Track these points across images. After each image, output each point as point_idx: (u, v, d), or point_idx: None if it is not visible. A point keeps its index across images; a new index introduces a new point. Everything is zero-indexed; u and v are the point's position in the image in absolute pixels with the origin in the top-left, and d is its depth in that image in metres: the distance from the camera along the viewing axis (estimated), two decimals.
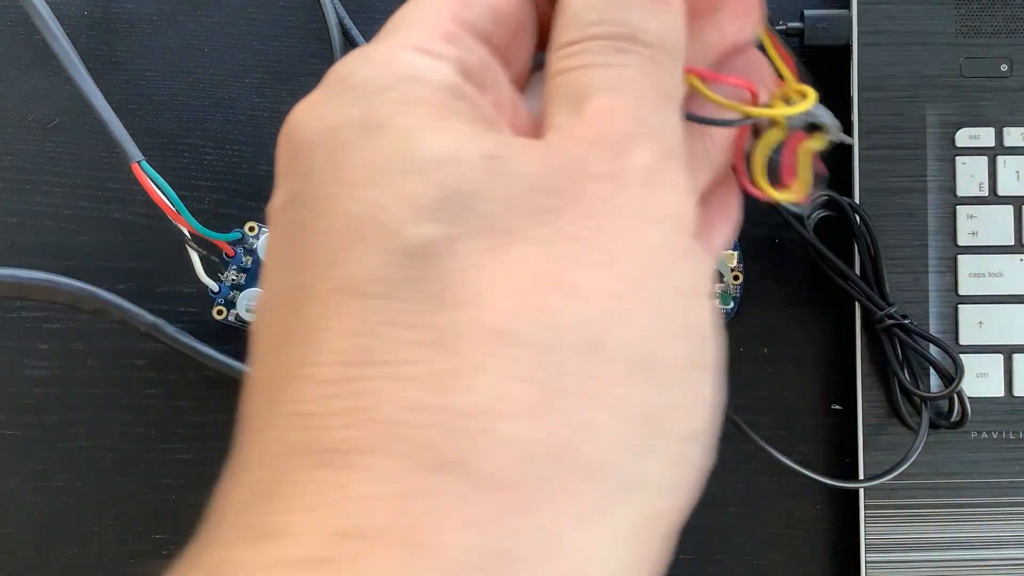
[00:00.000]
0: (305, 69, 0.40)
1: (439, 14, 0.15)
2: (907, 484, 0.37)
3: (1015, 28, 0.38)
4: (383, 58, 0.15)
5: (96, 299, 0.35)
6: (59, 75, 0.38)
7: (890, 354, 0.36)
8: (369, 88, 0.14)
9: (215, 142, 0.40)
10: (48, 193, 0.39)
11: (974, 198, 0.38)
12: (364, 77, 0.14)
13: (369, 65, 0.15)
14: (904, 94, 0.38)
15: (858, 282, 0.37)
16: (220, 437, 0.39)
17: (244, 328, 0.38)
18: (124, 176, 0.37)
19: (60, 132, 0.39)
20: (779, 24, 0.38)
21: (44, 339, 0.39)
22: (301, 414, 0.13)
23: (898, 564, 0.37)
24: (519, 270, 0.13)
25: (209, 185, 0.39)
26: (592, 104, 0.14)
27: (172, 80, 0.40)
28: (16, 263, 0.37)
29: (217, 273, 0.38)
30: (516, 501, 0.12)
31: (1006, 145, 0.38)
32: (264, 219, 0.39)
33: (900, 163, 0.38)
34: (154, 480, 0.38)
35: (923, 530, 0.37)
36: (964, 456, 0.37)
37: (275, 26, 0.40)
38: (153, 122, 0.39)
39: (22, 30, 0.40)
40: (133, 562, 0.38)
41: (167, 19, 0.40)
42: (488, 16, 0.16)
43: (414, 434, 0.12)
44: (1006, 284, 0.38)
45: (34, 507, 0.38)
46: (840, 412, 0.39)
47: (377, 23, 0.40)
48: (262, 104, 0.40)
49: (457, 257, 0.13)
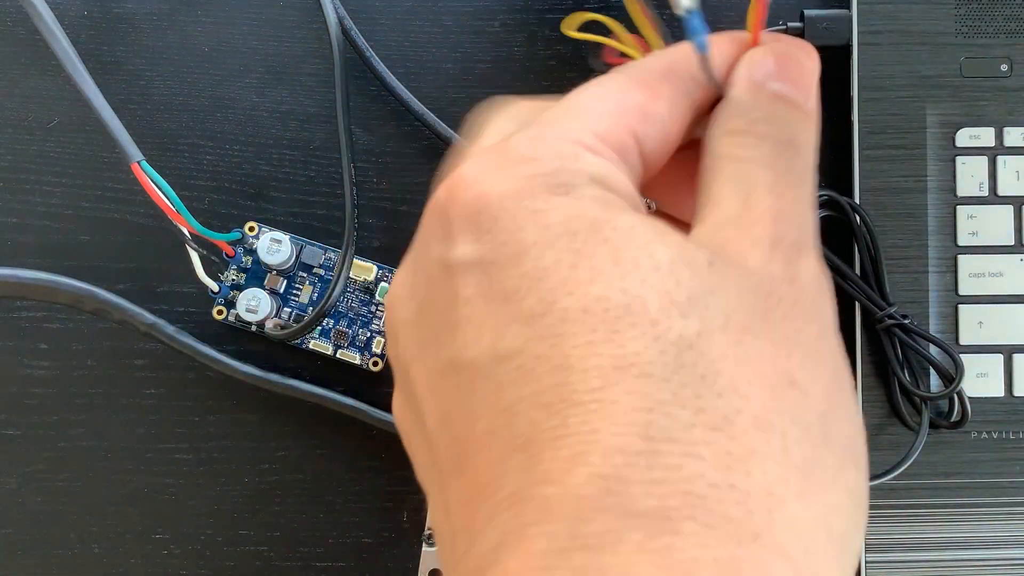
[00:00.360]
0: (305, 69, 0.40)
1: (619, 120, 0.17)
2: (907, 484, 0.37)
3: (1015, 28, 0.38)
4: (570, 152, 0.16)
5: (96, 299, 0.35)
6: (59, 75, 0.38)
7: (890, 354, 0.36)
8: (567, 181, 0.16)
9: (215, 142, 0.40)
10: (48, 193, 0.39)
11: (974, 198, 0.38)
12: (556, 168, 0.16)
13: (558, 157, 0.16)
14: (904, 94, 0.38)
15: (858, 282, 0.37)
16: (220, 437, 0.39)
17: (244, 328, 0.38)
18: (124, 176, 0.37)
19: (60, 132, 0.39)
20: (779, 24, 0.38)
21: (44, 339, 0.39)
22: (602, 476, 0.13)
23: (898, 564, 0.37)
24: (761, 365, 0.15)
25: (209, 185, 0.39)
26: (762, 203, 0.16)
27: (172, 80, 0.40)
28: (16, 263, 0.37)
29: (217, 273, 0.38)
30: (804, 567, 0.14)
31: (1006, 145, 0.38)
32: (263, 219, 0.39)
33: (900, 163, 0.38)
34: (154, 480, 0.38)
35: (923, 530, 0.37)
36: (964, 456, 0.37)
37: (275, 26, 0.40)
38: (153, 122, 0.40)
39: (22, 30, 0.40)
40: (133, 562, 0.38)
41: (167, 19, 0.40)
42: (658, 137, 0.17)
43: (718, 508, 0.13)
44: (1006, 284, 0.38)
45: (34, 507, 0.38)
46: None
47: (377, 23, 0.40)
48: (262, 104, 0.40)
49: (713, 348, 0.14)
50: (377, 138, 0.40)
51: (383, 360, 0.38)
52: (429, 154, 0.40)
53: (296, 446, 0.39)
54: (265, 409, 0.39)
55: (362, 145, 0.40)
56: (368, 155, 0.40)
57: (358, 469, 0.39)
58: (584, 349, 0.14)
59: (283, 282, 0.39)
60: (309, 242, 0.39)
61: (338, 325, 0.38)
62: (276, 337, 0.37)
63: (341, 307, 0.38)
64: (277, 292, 0.38)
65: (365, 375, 0.39)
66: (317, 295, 0.39)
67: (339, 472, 0.39)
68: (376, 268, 0.38)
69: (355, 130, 0.39)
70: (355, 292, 0.39)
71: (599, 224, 0.15)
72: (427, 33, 0.40)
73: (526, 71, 0.40)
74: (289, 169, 0.40)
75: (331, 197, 0.39)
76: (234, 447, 0.39)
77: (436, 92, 0.40)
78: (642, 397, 0.14)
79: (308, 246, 0.39)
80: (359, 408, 0.37)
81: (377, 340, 0.38)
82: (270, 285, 0.38)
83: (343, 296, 0.38)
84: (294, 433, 0.39)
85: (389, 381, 0.39)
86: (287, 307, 0.38)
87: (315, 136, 0.40)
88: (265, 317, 0.37)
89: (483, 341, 0.15)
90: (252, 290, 0.38)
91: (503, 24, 0.40)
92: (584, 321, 0.14)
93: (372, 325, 0.38)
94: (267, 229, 0.39)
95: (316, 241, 0.39)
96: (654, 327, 0.14)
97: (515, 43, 0.40)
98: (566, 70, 0.40)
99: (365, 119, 0.40)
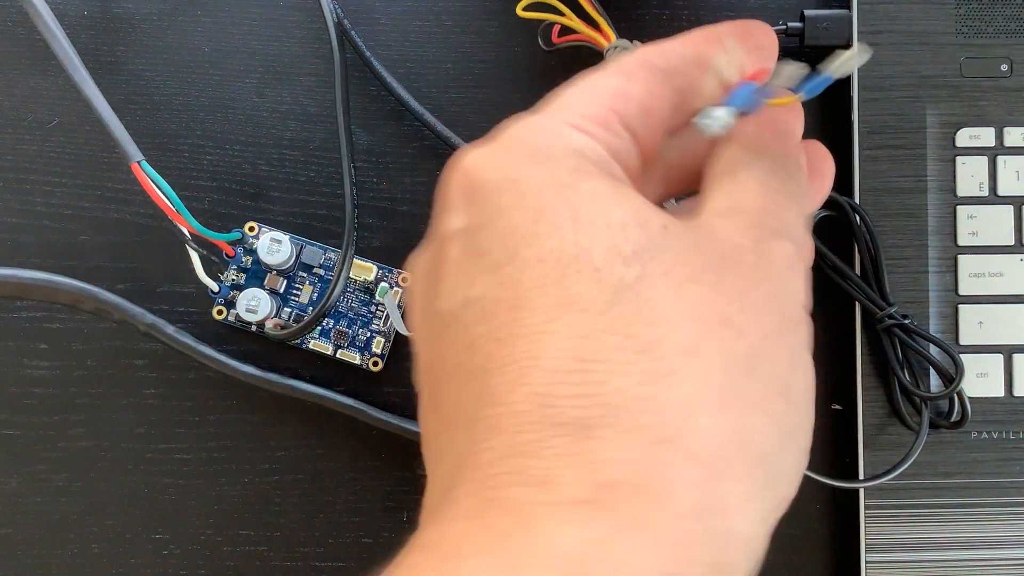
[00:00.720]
0: (305, 69, 0.40)
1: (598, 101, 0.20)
2: (907, 484, 0.37)
3: (1015, 28, 0.38)
4: (554, 130, 0.19)
5: (96, 299, 0.35)
6: (59, 75, 0.38)
7: (890, 354, 0.36)
8: (546, 154, 0.18)
9: (215, 142, 0.40)
10: (48, 193, 0.39)
11: (974, 198, 0.38)
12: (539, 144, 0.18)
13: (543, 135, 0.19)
14: (904, 94, 0.38)
15: (858, 282, 0.37)
16: (220, 437, 0.39)
17: (244, 328, 0.38)
18: (124, 176, 0.37)
19: (60, 132, 0.39)
20: (779, 24, 0.38)
21: (44, 339, 0.39)
22: (537, 394, 0.16)
23: (898, 564, 0.37)
24: (698, 306, 0.17)
25: (209, 185, 0.39)
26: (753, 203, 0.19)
27: (172, 80, 0.40)
28: (16, 263, 0.37)
29: (217, 273, 0.38)
30: (713, 473, 0.16)
31: (1006, 145, 0.38)
32: (263, 219, 0.39)
33: (900, 163, 0.38)
34: (154, 480, 0.38)
35: (923, 530, 0.37)
36: (964, 456, 0.37)
37: (275, 26, 0.40)
38: (153, 122, 0.40)
39: (22, 30, 0.40)
40: (133, 562, 0.38)
41: (167, 19, 0.40)
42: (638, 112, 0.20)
43: (637, 416, 0.16)
44: (1006, 284, 0.38)
45: (34, 507, 0.38)
46: (840, 412, 0.39)
47: (377, 23, 0.40)
48: (262, 104, 0.40)
49: (651, 289, 0.17)
50: (377, 138, 0.40)
51: (383, 360, 0.38)
52: (429, 154, 0.40)
53: (296, 446, 0.39)
54: (265, 409, 0.39)
55: (362, 145, 0.40)
56: (368, 155, 0.40)
57: (358, 469, 0.39)
58: (535, 291, 0.17)
59: (283, 282, 0.39)
60: (309, 242, 0.39)
61: (338, 325, 0.38)
62: (276, 337, 0.37)
63: (341, 307, 0.38)
64: (277, 292, 0.38)
65: (365, 375, 0.39)
66: (317, 295, 0.39)
67: (339, 472, 0.39)
68: (376, 268, 0.38)
69: (355, 130, 0.39)
70: (355, 292, 0.39)
71: (565, 187, 0.18)
72: (427, 33, 0.40)
73: (526, 71, 0.40)
74: (289, 169, 0.40)
75: (331, 197, 0.39)
76: (234, 447, 0.39)
77: (436, 92, 0.40)
78: (579, 327, 0.16)
79: (308, 246, 0.39)
80: (359, 408, 0.37)
81: (377, 340, 0.38)
82: (270, 285, 0.38)
83: (343, 296, 0.38)
84: (294, 433, 0.39)
85: (389, 381, 0.39)
86: (287, 307, 0.39)
87: (315, 136, 0.40)
88: (265, 317, 0.37)
89: (457, 293, 0.18)
90: (252, 290, 0.38)
91: (503, 24, 0.40)
92: (538, 268, 0.17)
93: (372, 325, 0.38)
94: (267, 229, 0.39)
95: (316, 241, 0.39)
96: (597, 272, 0.17)
97: (515, 43, 0.40)
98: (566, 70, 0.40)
99: (365, 119, 0.40)
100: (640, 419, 0.16)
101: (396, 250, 0.39)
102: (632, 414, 0.16)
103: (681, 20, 0.40)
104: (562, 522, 0.15)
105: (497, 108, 0.40)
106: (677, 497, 0.15)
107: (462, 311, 0.18)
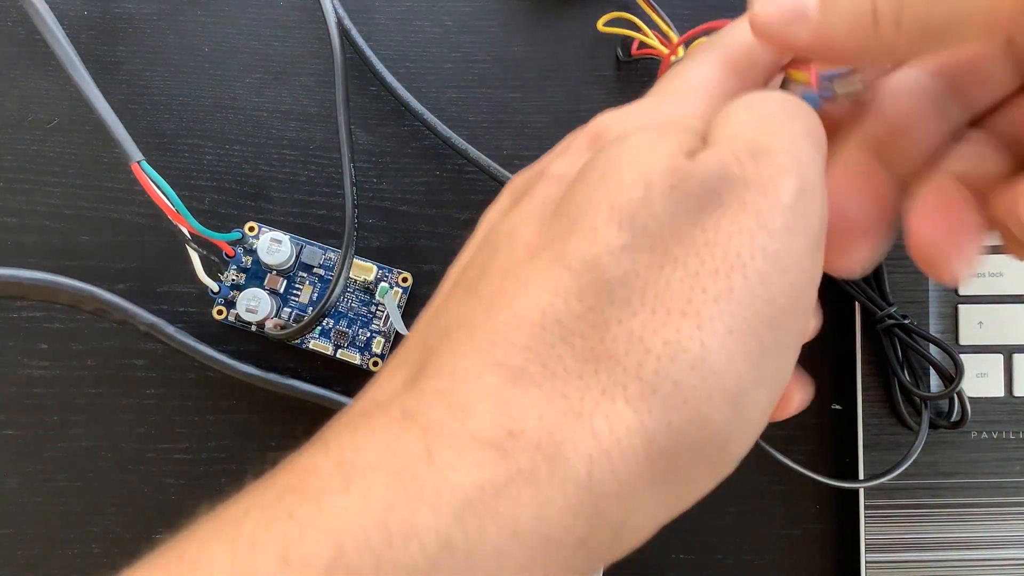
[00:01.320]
0: (305, 69, 0.40)
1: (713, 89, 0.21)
2: (907, 484, 0.37)
3: None
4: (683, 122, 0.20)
5: (96, 299, 0.35)
6: (59, 75, 0.38)
7: (890, 354, 0.36)
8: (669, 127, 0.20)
9: (215, 142, 0.40)
10: (48, 193, 0.39)
11: None
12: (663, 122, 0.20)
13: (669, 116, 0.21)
14: None
15: (858, 282, 0.37)
16: (220, 437, 0.39)
17: (244, 328, 0.38)
18: (124, 176, 0.37)
19: (60, 132, 0.39)
20: None
21: (44, 339, 0.39)
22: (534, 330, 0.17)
23: (898, 564, 0.37)
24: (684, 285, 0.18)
25: (209, 185, 0.39)
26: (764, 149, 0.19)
27: (172, 80, 0.40)
28: (16, 263, 0.37)
29: (217, 273, 0.38)
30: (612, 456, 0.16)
31: None
32: (263, 219, 0.39)
33: None
34: (154, 480, 0.38)
35: (923, 530, 0.37)
36: (964, 456, 0.37)
37: (275, 26, 0.40)
38: (153, 122, 0.40)
39: (22, 30, 0.40)
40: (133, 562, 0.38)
41: (167, 19, 0.40)
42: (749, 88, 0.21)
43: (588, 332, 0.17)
44: (1006, 284, 0.38)
45: (34, 507, 0.38)
46: (840, 412, 0.39)
47: (377, 23, 0.40)
48: (262, 104, 0.40)
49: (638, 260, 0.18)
50: (377, 138, 0.40)
51: (383, 360, 0.38)
52: (429, 154, 0.40)
53: (296, 446, 0.38)
54: (265, 409, 0.39)
55: (362, 145, 0.40)
56: (368, 155, 0.40)
57: None
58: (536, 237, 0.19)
59: (283, 282, 0.39)
60: (309, 242, 0.39)
61: (338, 325, 0.38)
62: (276, 337, 0.37)
63: (341, 307, 0.38)
64: (277, 292, 0.38)
65: (365, 375, 0.39)
66: (317, 295, 0.38)
67: None
68: (376, 268, 0.38)
69: (355, 130, 0.39)
70: (355, 292, 0.39)
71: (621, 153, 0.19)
72: (427, 33, 0.40)
73: (526, 71, 0.40)
74: (289, 169, 0.40)
75: (331, 197, 0.39)
76: (234, 447, 0.39)
77: (436, 92, 0.40)
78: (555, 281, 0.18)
79: (308, 246, 0.39)
80: None
81: (377, 340, 0.38)
82: (270, 285, 0.38)
83: (343, 296, 0.38)
84: (294, 433, 0.39)
85: None
86: (287, 307, 0.39)
87: (315, 136, 0.40)
88: (265, 317, 0.37)
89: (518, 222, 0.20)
90: (252, 290, 0.38)
91: (503, 24, 0.40)
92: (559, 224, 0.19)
93: (372, 325, 0.38)
94: (267, 229, 0.39)
95: (316, 241, 0.39)
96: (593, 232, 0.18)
97: (515, 43, 0.40)
98: (566, 70, 0.40)
99: (365, 119, 0.40)
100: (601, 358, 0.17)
101: (396, 250, 0.39)
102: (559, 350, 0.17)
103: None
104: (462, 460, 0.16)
105: (497, 108, 0.40)
106: (573, 463, 0.16)
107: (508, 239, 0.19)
